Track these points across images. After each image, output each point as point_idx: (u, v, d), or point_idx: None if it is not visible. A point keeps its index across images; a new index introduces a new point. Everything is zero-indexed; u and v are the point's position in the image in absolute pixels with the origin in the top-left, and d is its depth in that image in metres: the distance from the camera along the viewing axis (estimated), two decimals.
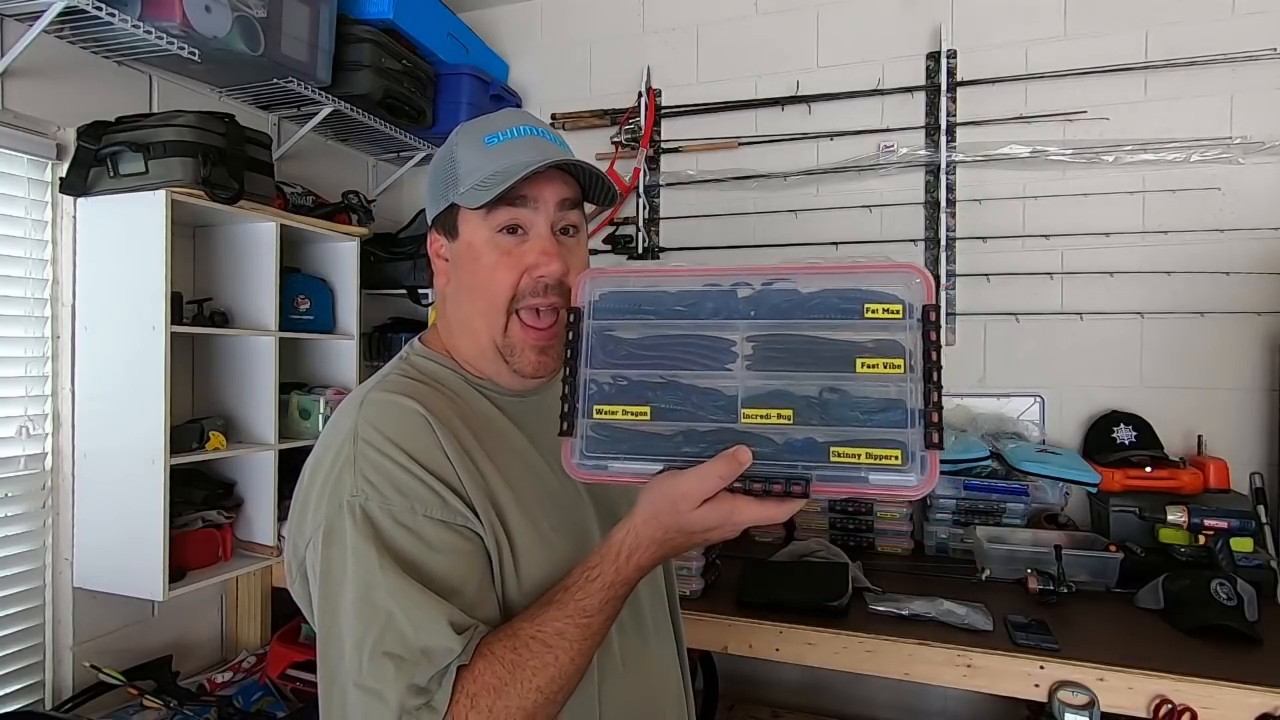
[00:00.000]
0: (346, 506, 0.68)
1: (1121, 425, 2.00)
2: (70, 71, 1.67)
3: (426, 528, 0.69)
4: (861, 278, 0.66)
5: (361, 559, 0.66)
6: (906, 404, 0.62)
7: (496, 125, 0.81)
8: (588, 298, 0.72)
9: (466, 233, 0.80)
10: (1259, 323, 1.98)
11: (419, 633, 0.64)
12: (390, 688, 0.62)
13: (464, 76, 2.40)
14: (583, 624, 0.66)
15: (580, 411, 0.69)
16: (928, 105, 2.25)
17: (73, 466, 1.65)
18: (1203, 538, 1.65)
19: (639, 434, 0.68)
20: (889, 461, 0.61)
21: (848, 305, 0.65)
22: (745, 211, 2.41)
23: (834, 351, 0.65)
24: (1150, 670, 1.31)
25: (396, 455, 0.70)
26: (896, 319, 0.64)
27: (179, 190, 1.57)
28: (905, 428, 0.62)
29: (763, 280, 0.68)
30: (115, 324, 1.61)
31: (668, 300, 0.70)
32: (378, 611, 0.65)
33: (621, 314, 0.71)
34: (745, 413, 0.66)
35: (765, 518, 0.65)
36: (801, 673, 2.30)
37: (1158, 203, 2.06)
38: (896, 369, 0.63)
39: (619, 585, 0.68)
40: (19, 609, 1.60)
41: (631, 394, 0.69)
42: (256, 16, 1.73)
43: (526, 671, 0.64)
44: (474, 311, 0.80)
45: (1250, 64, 1.98)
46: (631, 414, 0.68)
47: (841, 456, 0.63)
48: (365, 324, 2.26)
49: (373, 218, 2.26)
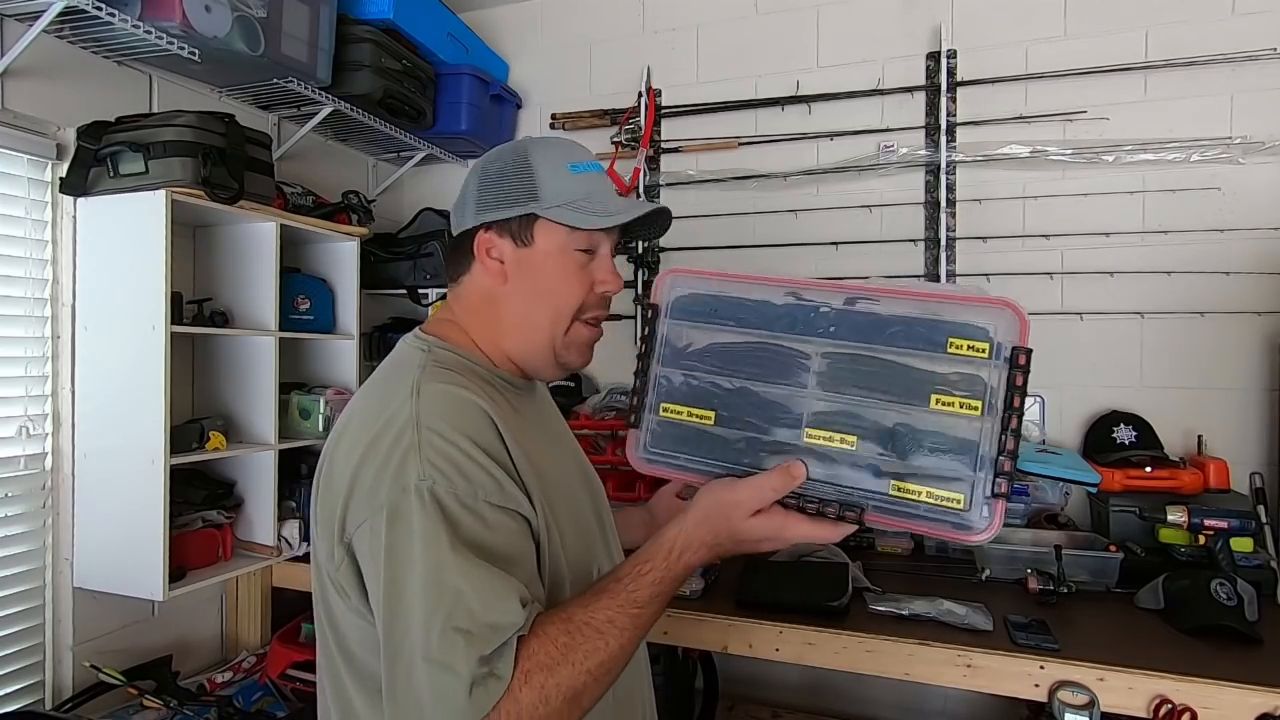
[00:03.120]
0: (414, 490, 0.70)
1: (1121, 425, 2.00)
2: (70, 71, 1.67)
3: (487, 511, 0.72)
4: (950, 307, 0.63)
5: (431, 540, 0.69)
6: (979, 447, 0.59)
7: (576, 155, 0.89)
8: (668, 297, 0.72)
9: (545, 244, 0.86)
10: (1259, 323, 1.98)
11: (487, 609, 0.67)
12: (461, 661, 0.65)
13: (464, 76, 2.39)
14: (633, 614, 0.70)
15: (648, 407, 0.69)
16: (928, 105, 2.25)
17: (73, 466, 1.65)
18: (1203, 538, 1.64)
19: (703, 436, 0.69)
20: (950, 504, 0.60)
21: (934, 336, 0.62)
22: (745, 211, 2.41)
23: (911, 381, 0.62)
24: (1150, 670, 1.30)
25: (461, 442, 0.73)
26: (981, 357, 0.61)
27: (179, 190, 1.57)
28: (973, 471, 0.59)
29: (845, 298, 0.67)
30: (115, 324, 1.61)
31: (747, 308, 0.70)
32: (447, 590, 0.67)
33: (698, 316, 0.71)
34: (809, 432, 0.65)
35: (817, 537, 0.67)
36: (801, 673, 2.30)
37: (1158, 203, 2.06)
38: (974, 410, 0.60)
39: (668, 581, 0.71)
40: (19, 609, 1.60)
41: (699, 396, 0.69)
42: (256, 16, 1.73)
43: (579, 654, 0.67)
44: (541, 313, 0.87)
45: (1250, 64, 1.98)
46: (697, 416, 0.69)
47: (902, 492, 0.61)
48: (365, 324, 2.26)
49: (373, 218, 2.26)
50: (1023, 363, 0.59)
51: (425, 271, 2.34)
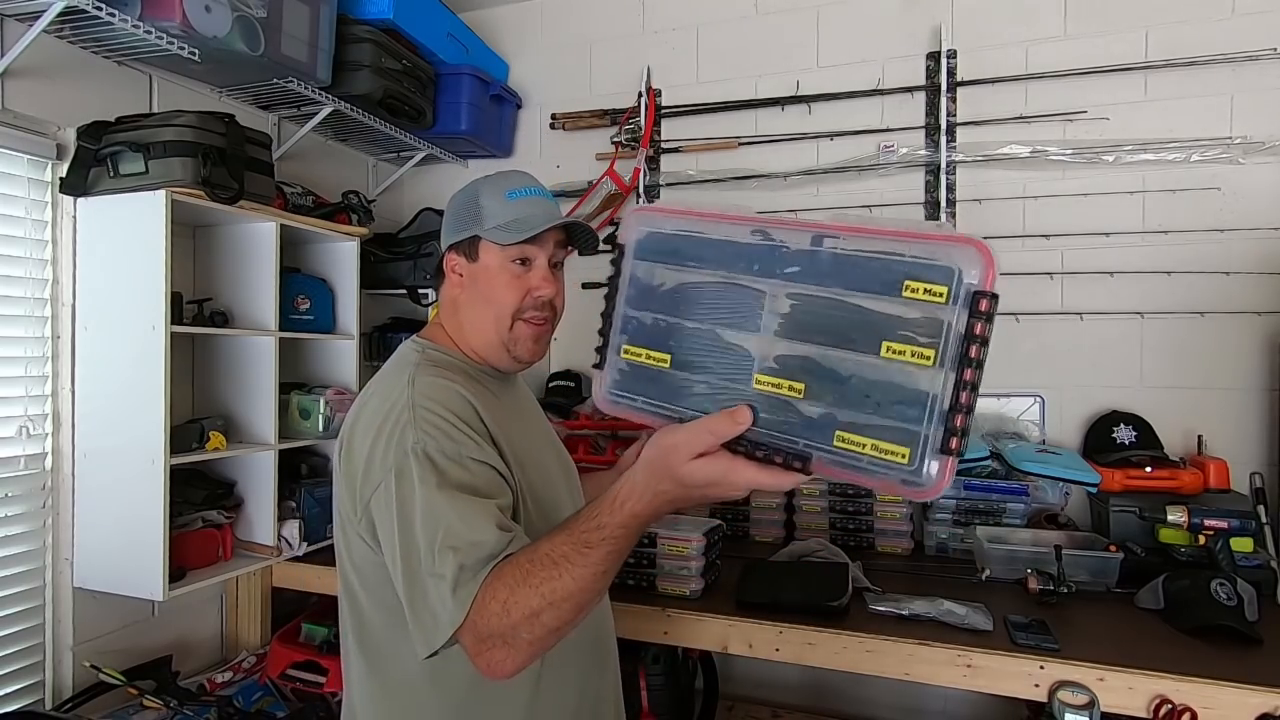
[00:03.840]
0: (412, 452, 0.88)
1: (1121, 425, 2.00)
2: (70, 71, 1.67)
3: (469, 463, 0.89)
4: (915, 245, 0.58)
5: (427, 485, 0.85)
6: (929, 400, 0.55)
7: (514, 183, 1.07)
8: (633, 236, 0.71)
9: (485, 259, 1.06)
10: (1259, 323, 1.98)
11: (471, 529, 0.82)
12: (449, 569, 0.80)
13: (464, 76, 2.40)
14: (584, 553, 0.77)
15: (613, 347, 0.69)
16: (928, 105, 2.25)
17: (73, 466, 1.65)
18: (1203, 538, 1.64)
19: (660, 378, 0.68)
20: (893, 458, 0.56)
21: (888, 276, 0.58)
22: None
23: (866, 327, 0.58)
24: (1150, 670, 1.30)
25: (446, 414, 0.91)
26: (939, 302, 0.56)
27: (179, 190, 1.57)
28: (920, 425, 0.56)
29: (812, 236, 0.63)
30: (115, 324, 1.61)
31: (712, 246, 0.67)
32: (440, 519, 0.83)
33: (663, 255, 0.69)
34: (758, 378, 0.63)
35: (765, 483, 0.66)
36: (801, 673, 2.30)
37: (1158, 203, 2.06)
38: (926, 361, 0.55)
39: (613, 527, 0.76)
40: (19, 609, 1.60)
41: (658, 337, 0.68)
42: (256, 16, 1.73)
43: (536, 579, 0.77)
44: (487, 315, 1.06)
45: (1250, 64, 1.98)
46: (654, 358, 0.68)
47: (845, 443, 0.58)
48: (365, 324, 2.26)
49: (373, 218, 2.26)
50: (984, 308, 0.54)
51: (425, 271, 2.34)
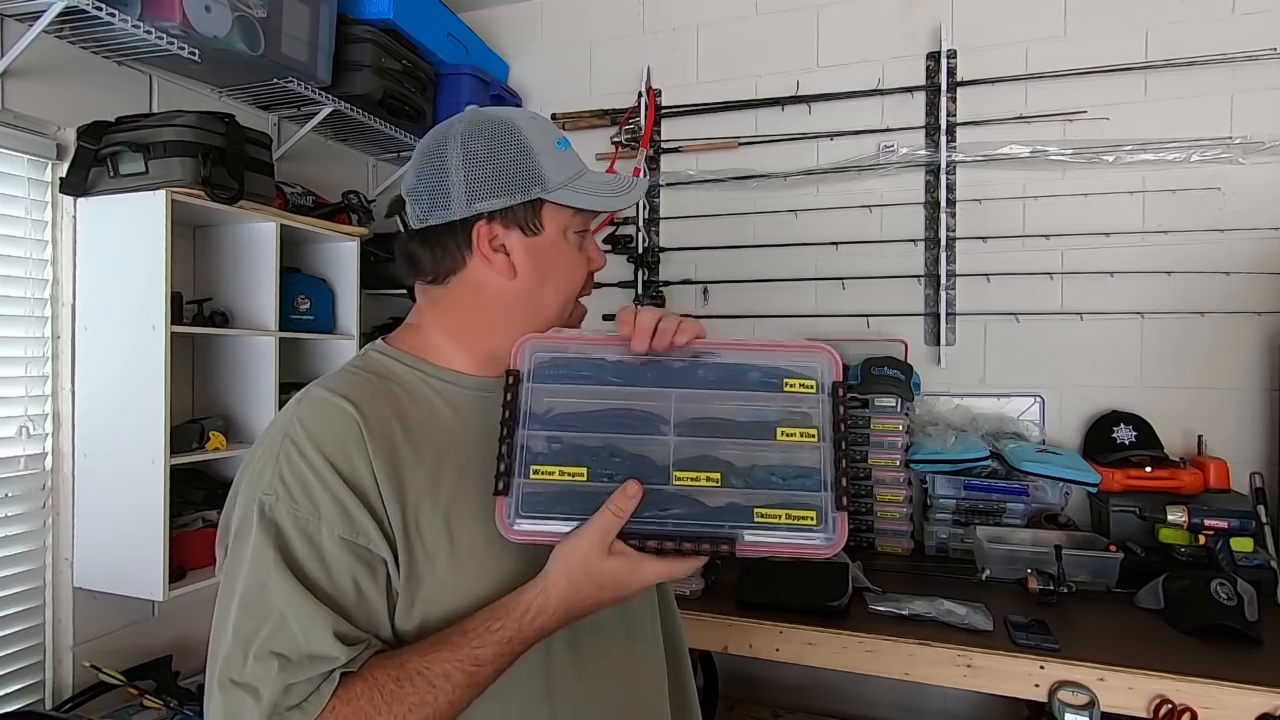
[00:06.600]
0: (258, 504, 0.68)
1: (1121, 425, 2.00)
2: (70, 71, 1.66)
3: (326, 540, 0.68)
4: (781, 355, 0.74)
5: (260, 557, 0.66)
6: (821, 470, 0.70)
7: (556, 131, 0.83)
8: (528, 363, 0.74)
9: (552, 229, 0.80)
10: (1259, 323, 1.98)
11: (309, 640, 0.64)
12: (269, 685, 0.62)
13: (464, 76, 2.40)
14: (471, 671, 0.66)
15: (516, 471, 0.70)
16: (928, 105, 2.25)
17: (73, 466, 1.65)
18: (1203, 538, 1.64)
19: (575, 492, 0.70)
20: (805, 522, 0.69)
21: (770, 380, 0.73)
22: (745, 211, 2.41)
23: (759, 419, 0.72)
24: (1150, 670, 1.31)
25: (314, 459, 0.69)
26: (810, 393, 0.72)
27: (179, 190, 1.57)
28: (819, 492, 0.69)
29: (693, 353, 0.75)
30: (115, 324, 1.61)
31: (604, 367, 0.75)
32: (270, 610, 0.65)
33: (560, 379, 0.74)
34: (676, 475, 0.70)
35: (671, 573, 0.70)
36: (801, 673, 2.30)
37: (1158, 203, 2.06)
38: (811, 438, 0.71)
39: (517, 643, 0.68)
40: (19, 609, 1.60)
41: (568, 456, 0.71)
42: (256, 16, 1.73)
43: (403, 706, 0.63)
44: (551, 300, 0.82)
45: (1250, 64, 1.98)
46: (569, 474, 0.71)
47: (765, 517, 0.69)
48: (365, 324, 2.26)
49: (373, 218, 2.26)
50: (841, 395, 0.72)
51: None
